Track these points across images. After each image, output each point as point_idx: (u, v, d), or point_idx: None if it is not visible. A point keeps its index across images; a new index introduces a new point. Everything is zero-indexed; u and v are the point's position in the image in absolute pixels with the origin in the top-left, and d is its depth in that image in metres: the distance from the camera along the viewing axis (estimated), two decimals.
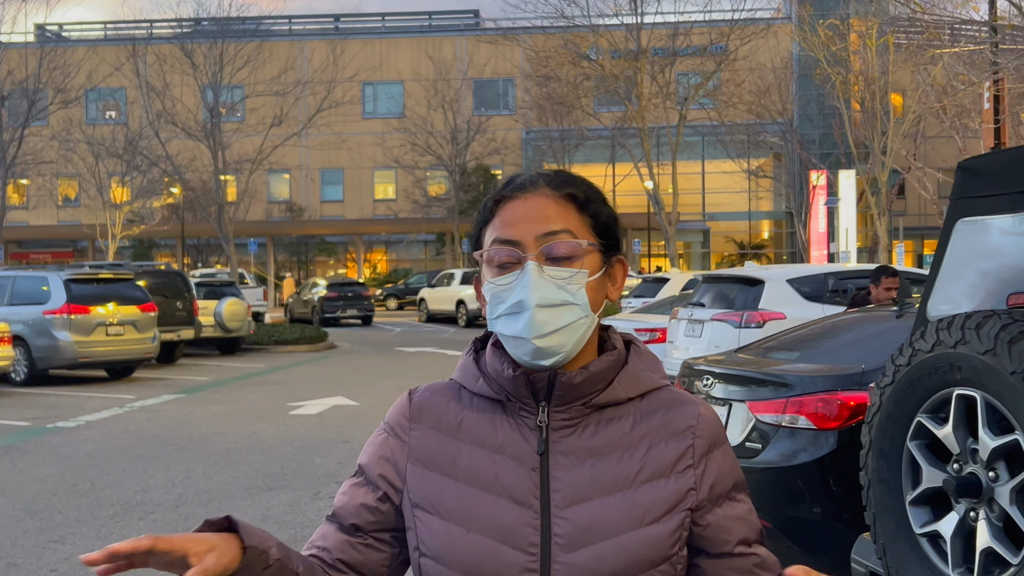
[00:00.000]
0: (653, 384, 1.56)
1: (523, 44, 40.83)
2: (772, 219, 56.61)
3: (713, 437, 1.54)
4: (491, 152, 47.39)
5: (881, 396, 3.26)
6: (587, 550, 1.46)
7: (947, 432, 3.06)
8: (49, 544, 6.95)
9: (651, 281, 21.70)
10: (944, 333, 3.00)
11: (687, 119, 34.13)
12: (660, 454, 1.51)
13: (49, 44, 36.68)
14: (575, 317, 1.48)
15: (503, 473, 1.50)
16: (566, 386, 1.50)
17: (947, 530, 3.05)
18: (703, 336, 11.91)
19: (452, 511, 1.50)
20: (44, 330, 17.42)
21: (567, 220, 1.51)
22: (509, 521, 1.47)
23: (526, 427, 1.52)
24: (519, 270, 1.48)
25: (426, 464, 1.55)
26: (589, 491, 1.48)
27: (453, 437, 1.55)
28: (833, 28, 28.64)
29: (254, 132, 36.34)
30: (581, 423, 1.52)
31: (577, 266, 1.50)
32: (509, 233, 1.50)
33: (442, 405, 1.58)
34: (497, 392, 1.54)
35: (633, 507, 1.48)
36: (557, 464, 1.50)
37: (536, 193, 1.53)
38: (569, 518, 1.47)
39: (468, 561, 1.47)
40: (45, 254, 53.56)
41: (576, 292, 1.48)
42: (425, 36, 55.86)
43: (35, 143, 37.58)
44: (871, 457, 3.30)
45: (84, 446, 11.03)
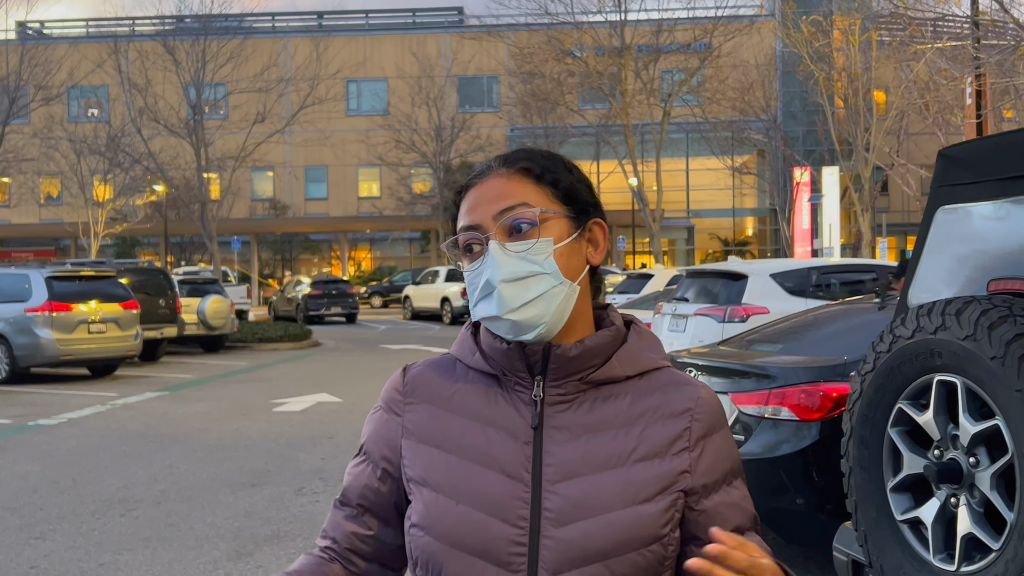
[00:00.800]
0: (652, 364, 1.54)
1: (507, 41, 40.80)
2: (756, 216, 56.75)
3: (712, 421, 1.52)
4: (475, 149, 47.34)
5: (862, 383, 3.26)
6: (577, 526, 1.44)
7: (928, 418, 3.06)
8: (29, 541, 6.90)
9: (635, 277, 21.72)
10: (924, 319, 3.00)
11: (671, 116, 34.18)
12: (656, 434, 1.49)
13: (30, 41, 36.48)
14: (548, 286, 1.46)
15: (495, 446, 1.49)
16: (561, 359, 1.48)
17: (928, 516, 3.05)
18: (687, 331, 11.91)
19: (441, 482, 1.49)
20: (26, 328, 17.30)
21: (523, 194, 1.50)
22: (499, 494, 1.46)
23: (521, 402, 1.51)
24: (484, 253, 1.48)
25: (419, 437, 1.54)
26: (582, 467, 1.46)
27: (446, 409, 1.54)
28: (816, 24, 28.71)
29: (237, 129, 36.20)
30: (577, 399, 1.50)
31: (538, 235, 1.48)
32: (469, 219, 1.50)
33: (436, 379, 1.57)
34: (493, 367, 1.53)
35: (626, 485, 1.46)
36: (551, 439, 1.48)
37: (492, 176, 1.52)
38: (560, 493, 1.45)
39: (455, 533, 1.46)
40: (27, 252, 53.26)
41: (544, 261, 1.47)
42: (409, 33, 55.75)
43: (16, 140, 37.36)
44: (852, 444, 3.29)
45: (66, 443, 10.96)
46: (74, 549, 6.68)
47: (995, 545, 2.82)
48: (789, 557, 6.29)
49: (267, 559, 6.42)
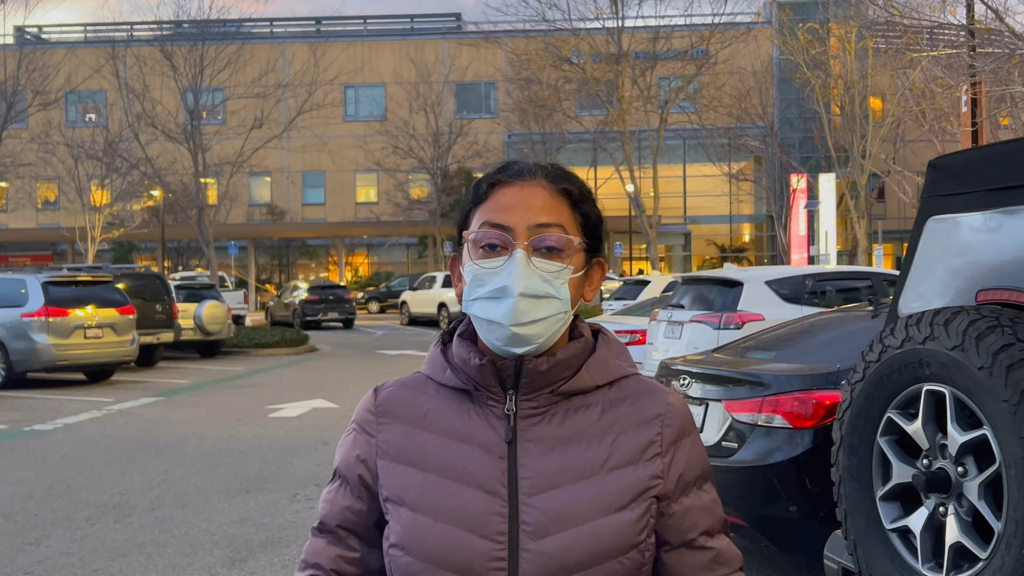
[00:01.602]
0: (621, 372, 1.56)
1: (504, 47, 40.86)
2: (753, 222, 56.82)
3: (682, 426, 1.55)
4: (473, 155, 47.37)
5: (852, 392, 3.28)
6: (555, 538, 1.46)
7: (917, 428, 3.07)
8: (24, 547, 6.90)
9: (632, 283, 21.74)
10: (913, 329, 3.02)
11: (668, 122, 34.22)
12: (628, 441, 1.51)
13: (28, 46, 36.50)
14: (554, 311, 1.48)
15: (471, 462, 1.50)
16: (533, 373, 1.50)
17: (917, 525, 3.06)
18: (682, 338, 11.93)
19: (419, 501, 1.50)
20: (22, 333, 17.30)
21: (560, 215, 1.51)
22: (477, 510, 1.47)
23: (493, 416, 1.52)
24: (507, 256, 1.48)
25: (394, 457, 1.54)
26: (557, 479, 1.48)
27: (420, 428, 1.55)
28: (813, 32, 28.77)
29: (235, 135, 36.23)
30: (549, 411, 1.52)
31: (564, 262, 1.49)
32: (502, 218, 1.49)
33: (408, 398, 1.58)
34: (464, 382, 1.54)
35: (601, 495, 1.48)
36: (525, 452, 1.50)
37: (533, 183, 1.52)
38: (537, 506, 1.47)
39: (436, 551, 1.47)
40: (24, 257, 53.23)
41: (560, 287, 1.48)
42: (407, 39, 55.81)
43: (14, 145, 37.34)
44: (842, 453, 3.31)
45: (61, 449, 10.96)
46: (68, 555, 6.68)
47: (983, 554, 2.84)
48: (781, 565, 6.31)
49: (261, 565, 6.42)
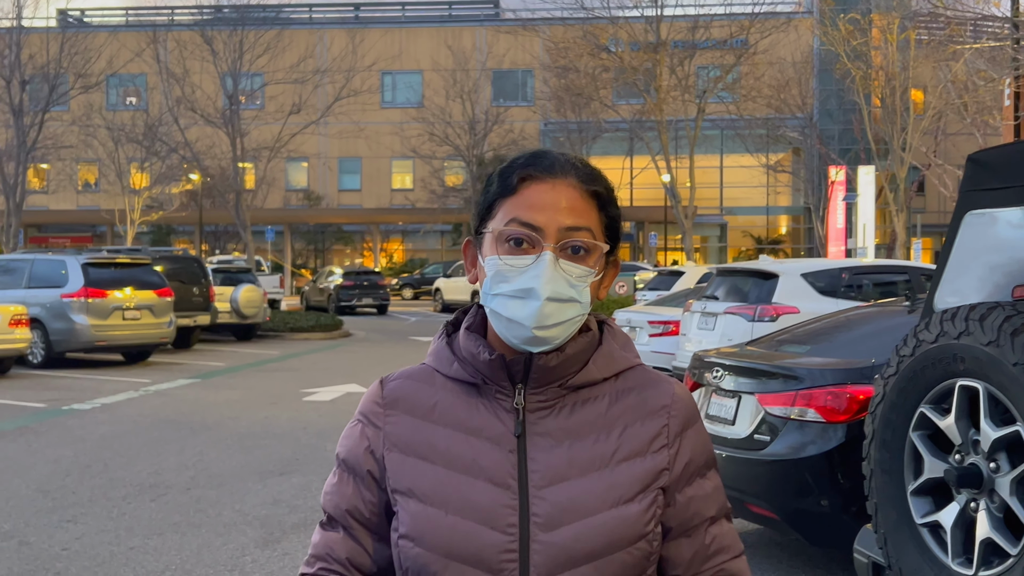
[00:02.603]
0: (627, 364, 1.57)
1: (542, 35, 40.77)
2: (790, 214, 56.41)
3: (687, 416, 1.56)
4: (509, 143, 47.33)
5: (885, 386, 3.27)
6: (565, 529, 1.47)
7: (949, 423, 3.07)
8: (61, 523, 7.02)
9: (666, 274, 21.69)
10: (948, 324, 3.01)
11: (705, 112, 34.01)
12: (636, 433, 1.53)
13: (71, 29, 36.84)
14: (575, 314, 1.49)
15: (480, 455, 1.51)
16: (542, 369, 1.51)
17: (948, 520, 3.06)
18: (716, 329, 11.90)
19: (430, 494, 1.51)
20: (61, 313, 17.53)
21: (589, 218, 1.51)
22: (487, 502, 1.48)
23: (502, 409, 1.53)
24: (534, 256, 1.47)
25: (403, 449, 1.55)
26: (567, 471, 1.49)
27: (428, 421, 1.55)
28: (854, 23, 28.47)
29: (273, 120, 36.44)
30: (557, 404, 1.53)
31: (590, 265, 1.50)
32: (532, 217, 1.48)
33: (416, 390, 1.58)
34: (472, 375, 1.54)
35: (610, 487, 1.49)
36: (535, 445, 1.50)
37: (564, 181, 1.51)
38: (547, 498, 1.48)
39: (447, 543, 1.48)
40: (64, 238, 53.85)
41: (582, 291, 1.49)
42: (445, 26, 55.83)
43: (56, 128, 37.75)
44: (874, 447, 3.31)
45: (99, 428, 11.12)
46: (105, 532, 6.79)
47: (1013, 550, 2.83)
48: (812, 558, 6.30)
49: (294, 546, 6.50)
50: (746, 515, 6.19)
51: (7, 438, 10.50)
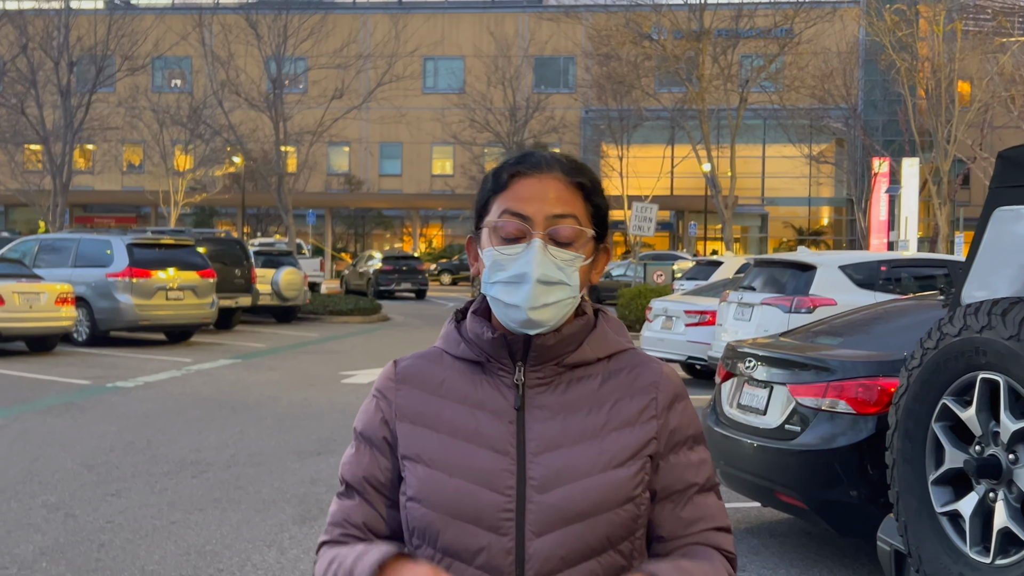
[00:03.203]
0: (619, 346, 1.72)
1: (584, 23, 40.69)
2: (832, 205, 56.00)
3: (674, 393, 1.70)
4: (549, 130, 47.34)
5: (909, 378, 3.34)
6: (558, 491, 1.61)
7: (970, 415, 3.13)
8: (106, 497, 7.22)
9: (704, 264, 21.69)
10: (971, 318, 3.07)
11: (748, 102, 33.82)
12: (626, 407, 1.67)
13: (118, 11, 37.27)
14: (565, 296, 1.64)
15: (483, 425, 1.65)
16: (540, 348, 1.66)
17: (967, 510, 3.13)
18: (752, 320, 11.92)
19: (436, 459, 1.65)
20: (106, 292, 17.85)
21: (574, 206, 1.65)
22: (488, 467, 1.63)
23: (504, 385, 1.67)
24: (525, 244, 1.62)
25: (412, 420, 1.69)
26: (561, 440, 1.64)
27: (437, 395, 1.69)
28: (899, 13, 28.18)
29: (315, 104, 36.67)
30: (554, 381, 1.67)
31: (577, 250, 1.64)
32: (522, 208, 1.63)
33: (426, 368, 1.73)
34: (477, 355, 1.69)
35: (601, 453, 1.63)
36: (532, 417, 1.65)
37: (550, 175, 1.66)
38: (542, 463, 1.62)
39: (451, 503, 1.63)
40: (109, 218, 54.58)
41: (571, 274, 1.63)
42: (487, 12, 55.87)
43: (102, 109, 38.24)
44: (897, 437, 3.38)
45: (141, 406, 11.36)
46: (147, 507, 6.98)
47: None
48: (840, 548, 6.35)
49: None
50: (776, 504, 6.26)
51: (53, 413, 10.76)
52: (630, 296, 22.35)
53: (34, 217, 44.09)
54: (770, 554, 6.31)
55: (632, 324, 20.51)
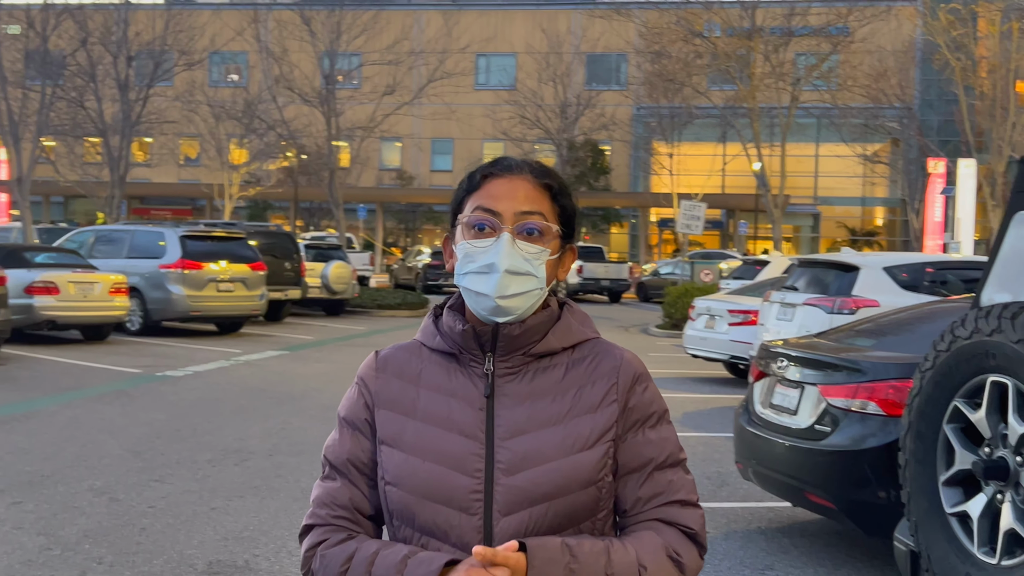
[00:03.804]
0: (583, 336, 1.84)
1: (636, 20, 40.58)
2: (887, 206, 55.30)
3: (634, 375, 1.81)
4: (599, 127, 47.29)
5: (922, 380, 3.38)
6: (524, 474, 1.72)
7: (980, 417, 3.16)
8: (150, 483, 7.42)
9: (751, 263, 21.61)
10: (982, 321, 3.10)
11: (800, 101, 33.53)
12: (589, 393, 1.78)
13: (176, 6, 37.84)
14: (532, 287, 1.76)
15: (455, 412, 1.77)
16: (507, 337, 1.78)
17: (975, 511, 3.16)
18: (794, 320, 11.88)
19: (411, 444, 1.77)
20: (159, 283, 18.19)
21: (541, 205, 1.78)
22: (459, 451, 1.75)
23: (475, 375, 1.80)
24: (495, 237, 1.75)
25: (390, 406, 1.82)
26: (527, 426, 1.75)
27: (414, 384, 1.82)
28: (955, 13, 27.78)
29: (367, 100, 36.98)
30: (522, 371, 1.79)
31: (543, 245, 1.77)
32: (492, 204, 1.76)
33: (404, 359, 1.86)
34: (451, 346, 1.82)
35: (565, 438, 1.74)
36: (501, 404, 1.77)
37: (520, 176, 1.80)
38: (510, 447, 1.74)
39: (424, 486, 1.75)
40: (165, 211, 55.38)
41: (538, 267, 1.76)
42: (540, 9, 55.91)
43: (159, 103, 38.82)
44: (909, 438, 3.42)
45: (190, 395, 11.60)
46: (189, 493, 7.17)
47: None
48: (871, 549, 6.36)
49: None
50: (805, 504, 6.29)
51: (104, 401, 11.03)
52: (676, 295, 22.32)
53: (93, 209, 44.83)
54: (799, 553, 6.34)
55: (679, 323, 20.49)
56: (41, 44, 28.09)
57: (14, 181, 27.16)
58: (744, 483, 7.59)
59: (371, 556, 1.74)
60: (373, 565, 1.72)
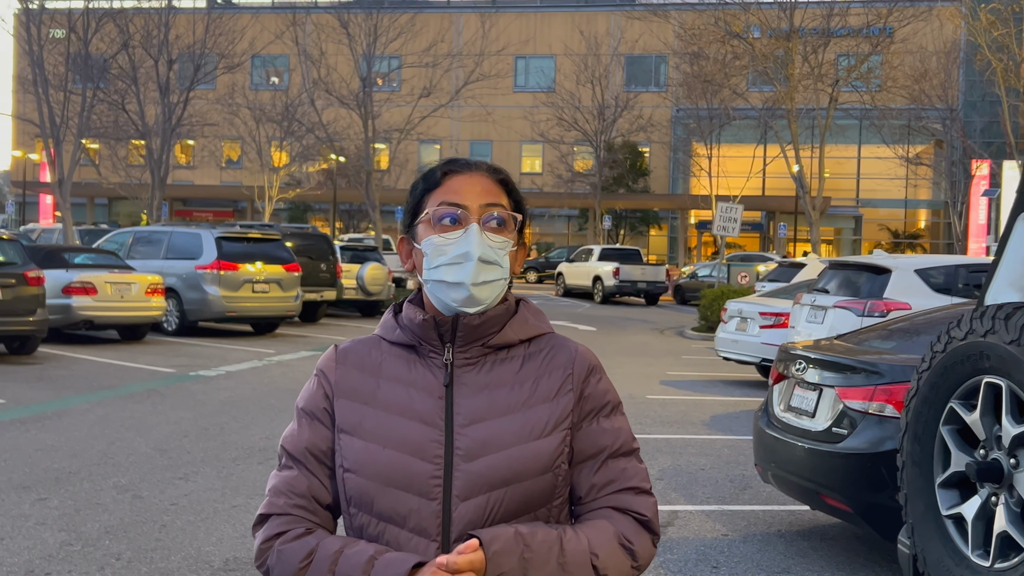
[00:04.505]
0: (538, 330, 1.89)
1: (673, 21, 40.43)
2: (930, 208, 54.67)
3: (588, 367, 1.86)
4: (637, 129, 47.15)
5: (918, 381, 3.35)
6: (482, 460, 1.77)
7: (975, 418, 3.13)
8: (174, 480, 7.51)
9: (787, 266, 21.44)
10: (977, 322, 3.07)
11: (839, 102, 33.21)
12: (545, 384, 1.83)
13: (216, 10, 38.24)
14: (498, 276, 1.82)
15: (415, 401, 1.82)
16: (466, 327, 1.82)
17: (970, 513, 3.13)
18: (825, 323, 11.78)
19: (371, 432, 1.81)
20: (195, 284, 18.38)
21: (501, 198, 1.86)
22: (418, 438, 1.79)
23: (435, 366, 1.84)
24: (463, 229, 1.80)
25: (349, 396, 1.86)
26: (485, 413, 1.79)
27: (373, 375, 1.86)
28: (996, 13, 27.40)
29: (404, 102, 37.16)
30: (480, 362, 1.84)
31: (507, 236, 1.83)
32: (458, 198, 1.83)
33: (364, 351, 1.90)
34: (411, 339, 1.86)
35: (523, 426, 1.79)
36: (460, 393, 1.81)
37: (478, 173, 1.87)
38: (468, 435, 1.78)
39: (384, 472, 1.78)
40: (207, 212, 55.98)
41: (503, 257, 1.82)
42: (579, 11, 55.88)
43: (201, 106, 39.26)
44: (907, 440, 3.39)
45: (220, 394, 11.72)
46: (212, 491, 7.25)
47: None
48: (889, 553, 6.30)
49: None
50: (822, 507, 6.25)
51: (135, 399, 11.17)
52: (712, 297, 22.21)
53: (136, 210, 45.46)
54: (818, 556, 6.30)
55: (714, 326, 20.39)
56: (83, 47, 28.53)
57: (56, 183, 27.58)
58: (766, 486, 7.54)
59: (333, 555, 1.76)
60: (336, 564, 1.75)
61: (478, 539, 1.69)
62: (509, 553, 1.70)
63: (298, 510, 1.84)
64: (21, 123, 42.83)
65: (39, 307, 14.36)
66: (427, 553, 1.75)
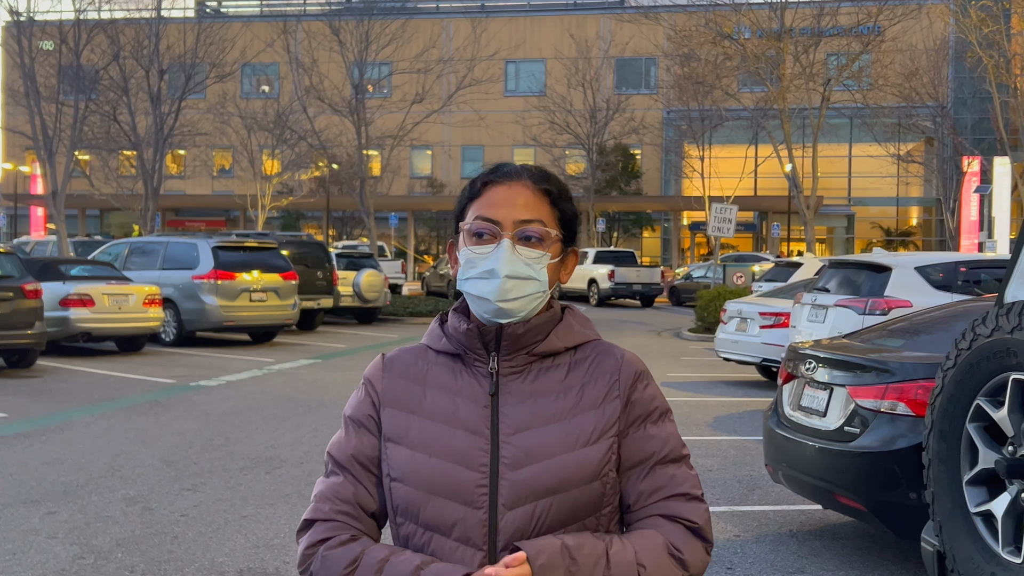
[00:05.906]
0: (584, 337, 1.88)
1: (664, 23, 40.49)
2: (922, 205, 54.81)
3: (635, 373, 1.85)
4: (629, 131, 47.20)
5: (944, 378, 3.35)
6: (528, 469, 1.76)
7: (1003, 415, 3.13)
8: (182, 492, 7.48)
9: (783, 265, 21.47)
10: (1003, 319, 3.08)
11: (831, 101, 33.29)
12: (591, 391, 1.82)
13: (207, 20, 38.19)
14: (534, 290, 1.80)
15: (460, 410, 1.81)
16: (511, 336, 1.82)
17: (999, 510, 3.13)
18: (826, 322, 11.80)
19: (417, 441, 1.81)
20: (192, 294, 18.35)
21: (541, 211, 1.82)
22: (464, 447, 1.79)
23: (480, 374, 1.84)
24: (495, 244, 1.79)
25: (396, 405, 1.86)
26: (531, 422, 1.79)
27: (420, 384, 1.86)
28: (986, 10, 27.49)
29: (396, 109, 37.16)
30: (525, 370, 1.83)
31: (543, 250, 1.81)
32: (492, 213, 1.81)
33: (411, 360, 1.90)
34: (456, 347, 1.86)
35: (568, 434, 1.78)
36: (505, 402, 1.81)
37: (519, 183, 1.84)
38: (514, 443, 1.77)
39: (430, 481, 1.78)
40: (200, 222, 55.88)
41: (539, 271, 1.80)
42: (568, 15, 55.95)
43: (192, 115, 39.19)
44: (932, 437, 3.39)
45: (222, 404, 11.69)
46: (221, 501, 7.22)
47: None
48: (902, 552, 6.30)
49: None
50: (835, 506, 6.24)
51: (138, 411, 11.14)
52: (709, 298, 22.23)
53: (128, 221, 45.38)
54: (831, 556, 6.29)
55: (711, 326, 20.40)
56: (74, 59, 28.46)
57: (49, 195, 27.51)
58: (775, 486, 7.55)
59: (378, 563, 1.76)
60: (382, 573, 1.74)
61: (519, 546, 1.69)
62: (555, 567, 1.69)
63: (343, 516, 1.84)
64: (11, 135, 42.72)
65: (37, 320, 14.31)
66: (473, 562, 1.74)
